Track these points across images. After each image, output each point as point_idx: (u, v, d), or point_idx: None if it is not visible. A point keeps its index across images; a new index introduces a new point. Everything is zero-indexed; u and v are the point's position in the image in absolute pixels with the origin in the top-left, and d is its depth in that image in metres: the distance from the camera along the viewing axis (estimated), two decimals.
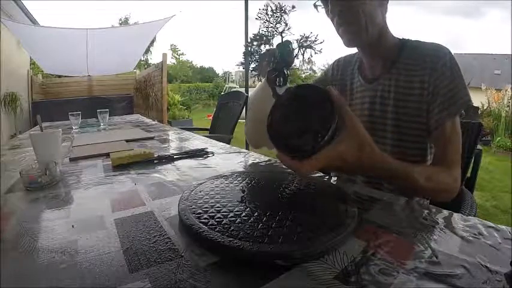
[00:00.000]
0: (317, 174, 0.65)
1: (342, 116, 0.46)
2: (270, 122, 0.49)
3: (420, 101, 0.67)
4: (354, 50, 0.83)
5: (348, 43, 0.71)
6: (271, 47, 0.52)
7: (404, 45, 0.72)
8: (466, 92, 0.64)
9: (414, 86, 0.68)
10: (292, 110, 0.48)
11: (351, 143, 0.46)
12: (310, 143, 0.44)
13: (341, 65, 0.88)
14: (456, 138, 0.64)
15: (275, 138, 0.48)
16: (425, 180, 0.56)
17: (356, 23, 0.66)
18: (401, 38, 0.74)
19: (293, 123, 0.47)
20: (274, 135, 0.48)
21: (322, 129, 0.44)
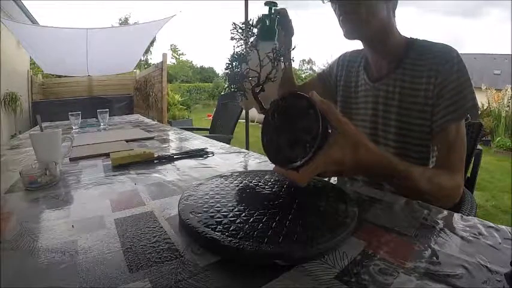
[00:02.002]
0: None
1: (329, 120, 0.45)
2: (262, 137, 0.50)
3: (425, 103, 0.66)
4: (355, 45, 0.81)
5: (347, 34, 0.69)
6: (248, 65, 0.52)
7: (412, 45, 0.70)
8: (472, 96, 0.63)
9: (419, 88, 0.66)
10: (279, 123, 0.49)
11: (342, 145, 0.45)
12: (301, 153, 0.44)
13: (346, 60, 0.87)
14: (460, 143, 0.63)
15: (270, 153, 0.49)
16: (426, 181, 0.55)
17: (356, 14, 0.65)
18: (409, 37, 0.72)
19: (283, 136, 0.48)
20: (269, 150, 0.49)
21: (310, 138, 0.44)
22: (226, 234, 0.37)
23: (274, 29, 0.63)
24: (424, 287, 0.30)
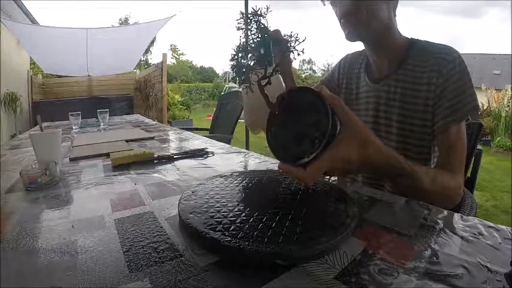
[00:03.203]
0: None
1: (338, 115, 0.43)
2: (268, 134, 0.48)
3: (426, 104, 0.66)
4: (355, 45, 0.81)
5: (348, 36, 0.69)
6: (254, 56, 0.51)
7: (413, 45, 0.70)
8: (473, 98, 0.62)
9: (421, 89, 0.66)
10: (286, 118, 0.46)
11: (350, 142, 0.43)
12: (309, 149, 0.42)
13: (348, 62, 0.87)
14: (460, 144, 0.63)
15: (275, 150, 0.46)
16: (430, 181, 0.54)
17: (357, 15, 0.65)
18: (410, 37, 0.72)
19: (290, 131, 0.45)
20: (274, 147, 0.47)
21: (319, 133, 0.42)
22: (226, 234, 0.37)
23: (270, 55, 0.63)
24: (424, 287, 0.30)
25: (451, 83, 0.63)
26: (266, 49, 0.62)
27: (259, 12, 0.50)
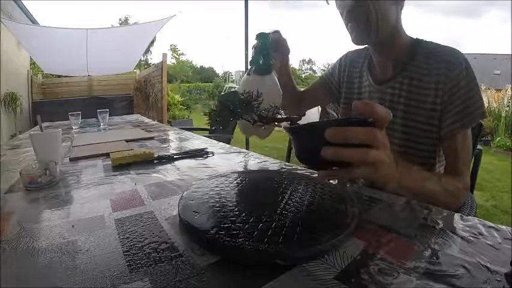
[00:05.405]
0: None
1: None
2: (308, 151, 0.42)
3: (433, 109, 0.65)
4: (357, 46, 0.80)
5: (356, 40, 0.68)
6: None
7: (418, 46, 0.69)
8: (481, 104, 0.62)
9: (427, 93, 0.65)
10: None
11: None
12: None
13: (349, 61, 0.85)
14: (466, 148, 0.63)
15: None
16: (439, 182, 0.55)
17: (367, 21, 0.63)
18: (415, 37, 0.71)
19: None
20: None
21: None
22: (226, 234, 0.37)
23: (269, 63, 0.62)
24: (424, 287, 0.30)
25: (459, 89, 0.62)
26: (266, 58, 0.62)
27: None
